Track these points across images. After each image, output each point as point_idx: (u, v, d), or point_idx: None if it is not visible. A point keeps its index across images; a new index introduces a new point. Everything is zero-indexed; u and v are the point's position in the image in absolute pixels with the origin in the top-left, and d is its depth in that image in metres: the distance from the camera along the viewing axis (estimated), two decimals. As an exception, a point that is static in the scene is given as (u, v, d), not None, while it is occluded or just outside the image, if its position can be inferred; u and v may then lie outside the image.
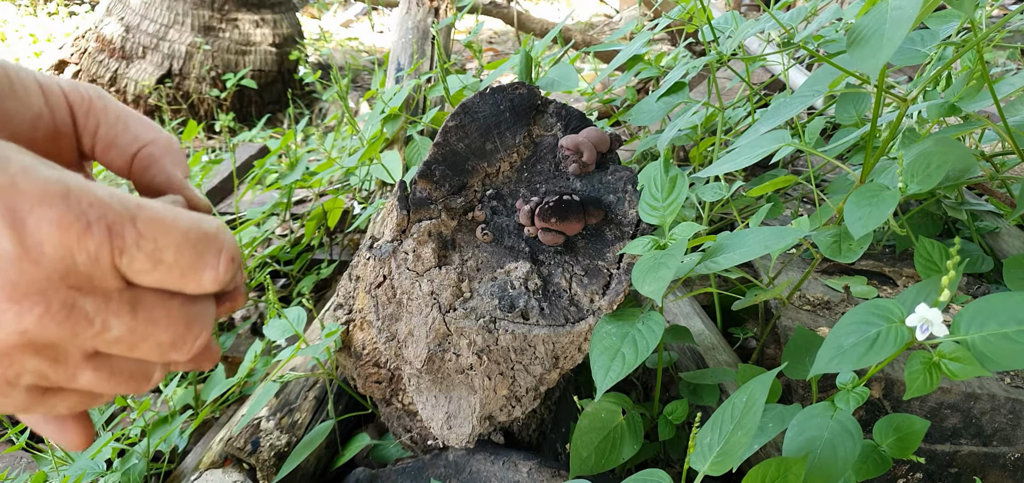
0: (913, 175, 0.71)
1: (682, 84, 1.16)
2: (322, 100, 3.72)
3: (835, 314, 1.04)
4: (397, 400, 0.96)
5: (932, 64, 0.93)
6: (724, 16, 1.23)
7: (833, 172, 1.35)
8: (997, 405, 0.85)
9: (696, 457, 0.60)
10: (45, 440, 1.06)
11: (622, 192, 0.88)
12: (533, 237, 0.85)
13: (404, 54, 1.92)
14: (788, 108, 0.79)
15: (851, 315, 0.57)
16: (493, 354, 0.77)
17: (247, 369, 1.12)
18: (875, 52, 0.58)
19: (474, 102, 0.93)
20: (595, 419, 0.82)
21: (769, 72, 2.01)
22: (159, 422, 1.08)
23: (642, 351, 0.68)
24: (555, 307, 0.78)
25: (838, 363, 0.55)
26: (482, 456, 0.88)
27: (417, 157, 1.41)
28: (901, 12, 0.59)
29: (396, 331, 0.86)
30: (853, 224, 0.68)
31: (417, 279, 0.81)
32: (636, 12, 3.87)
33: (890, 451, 0.66)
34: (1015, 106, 0.92)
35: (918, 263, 0.78)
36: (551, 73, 1.22)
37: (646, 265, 0.69)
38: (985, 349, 0.51)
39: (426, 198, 0.86)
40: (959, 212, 1.13)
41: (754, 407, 0.58)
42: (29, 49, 3.93)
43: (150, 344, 0.32)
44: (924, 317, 0.53)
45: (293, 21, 3.92)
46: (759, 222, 0.90)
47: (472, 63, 4.13)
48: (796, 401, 0.93)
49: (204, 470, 0.96)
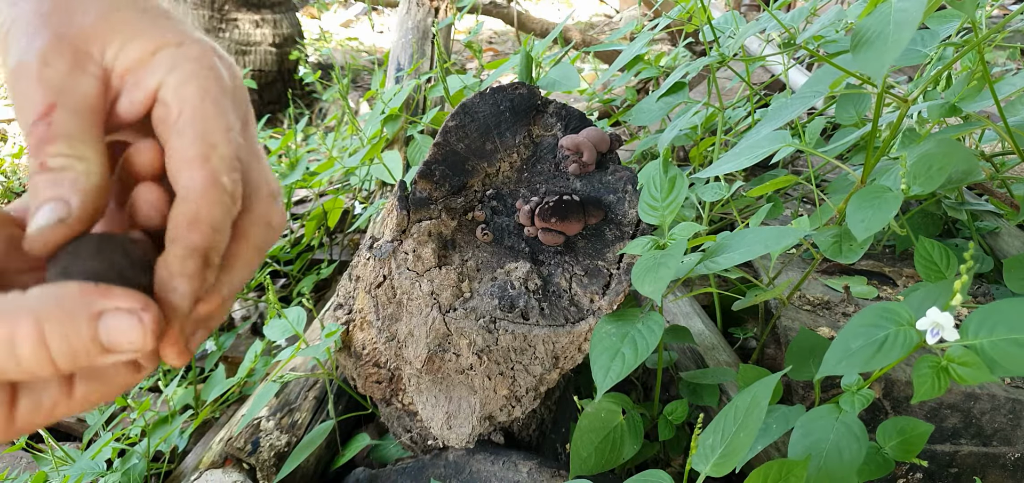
0: (915, 176, 0.70)
1: (682, 84, 1.15)
2: (322, 100, 3.71)
3: (835, 314, 1.04)
4: (397, 400, 0.96)
5: (932, 64, 0.93)
6: (724, 16, 1.23)
7: (833, 172, 1.35)
8: (997, 405, 0.85)
9: (698, 458, 0.60)
10: (45, 440, 1.06)
11: (622, 192, 0.88)
12: (533, 237, 0.85)
13: (404, 54, 1.91)
14: (789, 109, 0.79)
15: (859, 317, 0.57)
16: (493, 354, 0.77)
17: (247, 369, 1.12)
18: (880, 54, 0.58)
19: (474, 102, 0.93)
20: (595, 419, 0.82)
21: (769, 72, 2.01)
22: (159, 422, 1.08)
23: (642, 351, 0.68)
24: (555, 307, 0.78)
25: (846, 366, 0.55)
26: (482, 456, 0.88)
27: (418, 157, 1.41)
28: (905, 14, 0.58)
29: (396, 331, 0.86)
30: (856, 226, 0.68)
31: (417, 279, 0.80)
32: (636, 12, 3.87)
33: (893, 453, 0.66)
34: (1015, 106, 0.91)
35: (918, 263, 0.78)
36: (552, 73, 1.22)
37: (646, 265, 0.69)
38: (994, 354, 0.51)
39: (426, 198, 0.86)
40: (959, 212, 1.13)
41: (757, 409, 0.58)
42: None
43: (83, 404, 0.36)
44: (935, 321, 0.53)
45: (293, 21, 3.92)
46: (759, 222, 0.90)
47: (472, 63, 4.13)
48: (797, 402, 0.93)
49: (204, 470, 0.96)
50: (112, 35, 0.35)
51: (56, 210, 0.33)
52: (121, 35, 0.36)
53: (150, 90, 0.36)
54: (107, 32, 0.35)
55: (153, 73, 0.36)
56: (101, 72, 0.35)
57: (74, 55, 0.34)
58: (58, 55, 0.34)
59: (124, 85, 0.36)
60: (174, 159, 0.35)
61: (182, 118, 0.35)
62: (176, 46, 0.36)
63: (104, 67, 0.35)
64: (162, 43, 0.36)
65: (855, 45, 0.62)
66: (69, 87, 0.34)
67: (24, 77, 0.34)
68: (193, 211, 0.34)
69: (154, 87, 0.36)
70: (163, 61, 0.36)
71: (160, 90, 0.36)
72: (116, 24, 0.36)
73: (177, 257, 0.34)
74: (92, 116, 0.35)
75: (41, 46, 0.34)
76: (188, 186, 0.35)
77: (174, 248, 0.34)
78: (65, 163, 0.33)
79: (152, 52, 0.36)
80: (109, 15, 0.36)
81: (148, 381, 1.34)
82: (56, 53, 0.34)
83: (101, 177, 0.34)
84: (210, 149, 0.35)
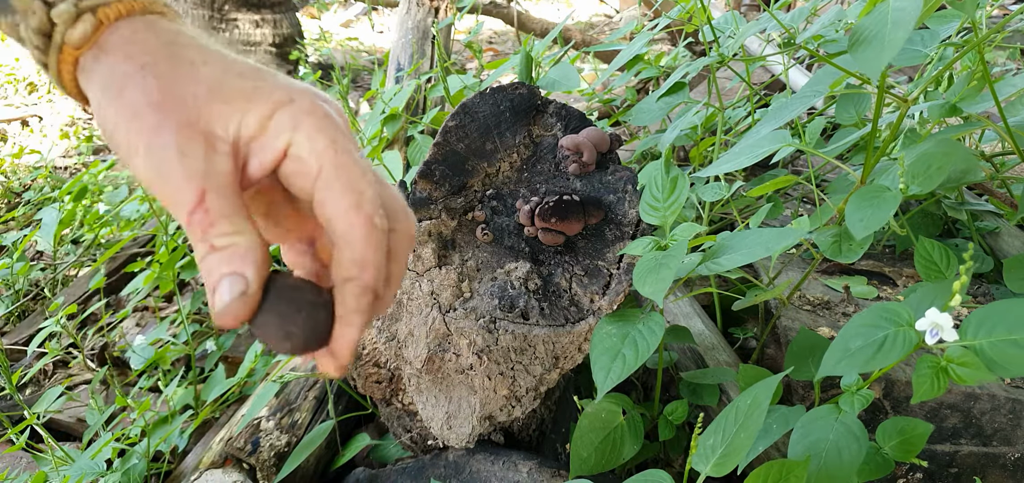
0: (914, 176, 0.70)
1: (682, 84, 1.16)
2: (322, 100, 3.71)
3: (835, 314, 1.04)
4: (397, 400, 0.96)
5: (933, 64, 0.93)
6: (724, 16, 1.23)
7: (833, 172, 1.35)
8: (997, 405, 0.85)
9: (698, 458, 0.60)
10: (45, 440, 1.06)
11: (622, 192, 0.88)
12: (533, 237, 0.85)
13: (404, 54, 1.91)
14: (790, 109, 0.79)
15: (858, 318, 0.57)
16: (493, 354, 0.77)
17: (247, 369, 1.12)
18: (877, 54, 0.58)
19: (474, 102, 0.93)
20: (595, 419, 0.82)
21: (769, 72, 2.01)
22: (159, 422, 1.08)
23: (642, 352, 0.68)
24: (555, 307, 0.78)
25: (845, 366, 0.55)
26: (482, 456, 0.88)
27: (418, 157, 1.41)
28: (903, 13, 0.59)
29: (396, 331, 0.86)
30: (855, 225, 0.68)
31: (417, 279, 0.80)
32: (636, 12, 3.87)
33: (893, 454, 0.66)
34: (1015, 106, 0.91)
35: (918, 263, 0.78)
36: (552, 73, 1.22)
37: (647, 266, 0.69)
38: (993, 354, 0.51)
39: (426, 198, 0.86)
40: (959, 212, 1.13)
41: (758, 409, 0.58)
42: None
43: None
44: (934, 321, 0.53)
45: (293, 21, 3.92)
46: (759, 222, 0.90)
47: (472, 63, 4.13)
48: (797, 402, 0.93)
49: (204, 470, 0.96)
50: (228, 109, 0.38)
51: (237, 284, 0.37)
52: (236, 107, 0.38)
53: (279, 151, 0.39)
54: (223, 107, 0.38)
55: (278, 135, 0.39)
56: (230, 148, 0.38)
57: (206, 139, 0.37)
58: (192, 143, 0.37)
59: (251, 152, 0.39)
60: (329, 208, 0.39)
61: (325, 172, 0.39)
62: (289, 103, 0.39)
63: (231, 142, 0.38)
64: (276, 105, 0.39)
65: (853, 44, 0.62)
66: (211, 171, 0.37)
67: (168, 174, 0.37)
68: (360, 255, 0.39)
69: (283, 147, 0.39)
70: (284, 122, 0.39)
71: (291, 148, 0.39)
72: (227, 97, 0.39)
73: (354, 296, 0.40)
74: (236, 191, 0.38)
75: (173, 139, 0.37)
76: (349, 233, 0.39)
77: (350, 287, 0.40)
78: (230, 241, 0.37)
79: (269, 116, 0.39)
80: (218, 91, 0.39)
81: (148, 381, 1.34)
82: (190, 142, 0.37)
83: (262, 243, 0.39)
84: (359, 196, 0.40)
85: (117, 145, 0.39)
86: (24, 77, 3.70)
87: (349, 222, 0.39)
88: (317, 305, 0.40)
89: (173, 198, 0.37)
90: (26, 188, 2.58)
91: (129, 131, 0.37)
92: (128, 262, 1.75)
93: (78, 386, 1.47)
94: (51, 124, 3.28)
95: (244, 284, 0.37)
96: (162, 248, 1.35)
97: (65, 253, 1.99)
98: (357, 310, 0.40)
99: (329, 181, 0.39)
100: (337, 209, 0.39)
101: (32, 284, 1.86)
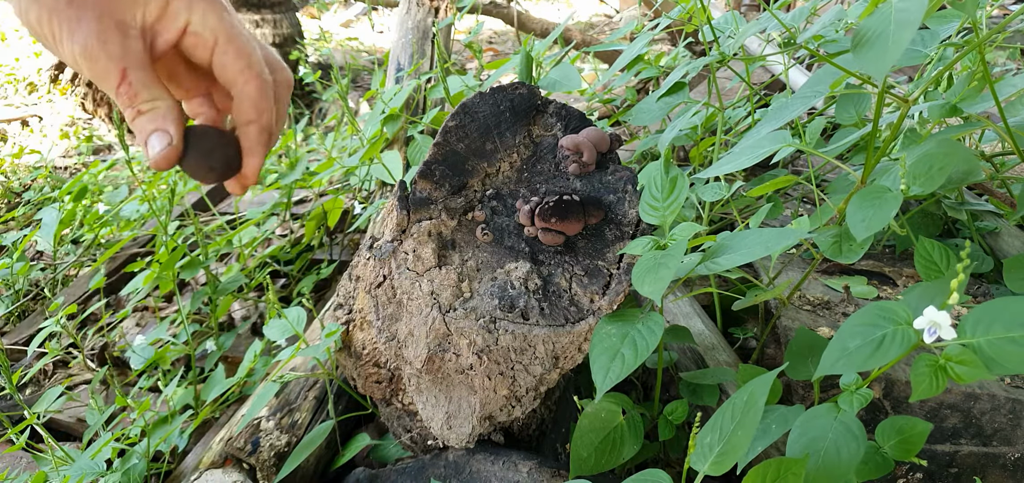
0: (915, 177, 0.70)
1: (682, 84, 1.15)
2: (322, 100, 3.71)
3: (835, 314, 1.04)
4: (397, 400, 0.96)
5: (933, 64, 0.93)
6: (724, 16, 1.23)
7: (833, 172, 1.35)
8: (997, 405, 0.85)
9: (696, 457, 0.60)
10: (45, 440, 1.06)
11: (622, 192, 0.88)
12: (533, 237, 0.85)
13: (404, 54, 1.91)
14: (790, 109, 0.79)
15: (857, 317, 0.57)
16: (493, 354, 0.77)
17: (247, 369, 1.12)
18: (882, 54, 0.58)
19: (474, 102, 0.93)
20: (595, 419, 0.82)
21: (769, 72, 2.01)
22: (159, 422, 1.08)
23: (642, 352, 0.68)
24: (555, 307, 0.78)
25: (844, 365, 0.55)
26: (482, 456, 0.88)
27: (418, 157, 1.41)
28: (906, 14, 0.58)
29: (396, 331, 0.86)
30: (856, 226, 0.68)
31: (417, 279, 0.81)
32: (636, 12, 3.87)
33: (893, 453, 0.66)
34: (1015, 106, 0.91)
35: (918, 263, 0.78)
36: (552, 73, 1.22)
37: (646, 265, 0.69)
38: (991, 352, 0.51)
39: (426, 198, 0.86)
40: (959, 212, 1.13)
41: (755, 407, 0.58)
42: (29, 49, 3.92)
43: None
44: (932, 320, 0.53)
45: (293, 21, 3.92)
46: (759, 222, 0.90)
47: (472, 63, 4.13)
48: (797, 401, 0.93)
49: (204, 470, 0.96)
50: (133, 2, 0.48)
51: (163, 138, 0.50)
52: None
53: (178, 29, 0.51)
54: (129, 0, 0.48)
55: (177, 17, 0.50)
56: (140, 31, 0.49)
57: (119, 28, 0.47)
58: (109, 31, 0.46)
59: (156, 32, 0.50)
60: (228, 71, 0.52)
61: (220, 43, 0.51)
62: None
63: (139, 27, 0.49)
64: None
65: (856, 45, 0.62)
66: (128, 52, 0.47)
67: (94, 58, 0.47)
68: (256, 103, 0.53)
69: (182, 26, 0.51)
70: (180, 6, 0.50)
71: (189, 26, 0.51)
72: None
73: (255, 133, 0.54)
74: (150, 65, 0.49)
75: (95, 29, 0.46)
76: (246, 89, 0.53)
77: (251, 128, 0.54)
78: (152, 106, 0.49)
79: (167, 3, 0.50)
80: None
81: (148, 381, 1.34)
82: (107, 31, 0.46)
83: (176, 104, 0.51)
84: (250, 58, 0.53)
85: (42, 36, 0.48)
86: (24, 77, 3.70)
87: (245, 79, 0.52)
88: (227, 144, 0.55)
89: (101, 76, 0.48)
90: (26, 188, 2.58)
91: (52, 24, 0.46)
92: (128, 262, 1.75)
93: (78, 386, 1.47)
94: (51, 124, 3.28)
95: (169, 137, 0.50)
96: (162, 248, 1.35)
97: (65, 253, 1.99)
98: (259, 143, 0.55)
99: (224, 49, 0.52)
100: (234, 70, 0.52)
101: (32, 284, 1.86)
